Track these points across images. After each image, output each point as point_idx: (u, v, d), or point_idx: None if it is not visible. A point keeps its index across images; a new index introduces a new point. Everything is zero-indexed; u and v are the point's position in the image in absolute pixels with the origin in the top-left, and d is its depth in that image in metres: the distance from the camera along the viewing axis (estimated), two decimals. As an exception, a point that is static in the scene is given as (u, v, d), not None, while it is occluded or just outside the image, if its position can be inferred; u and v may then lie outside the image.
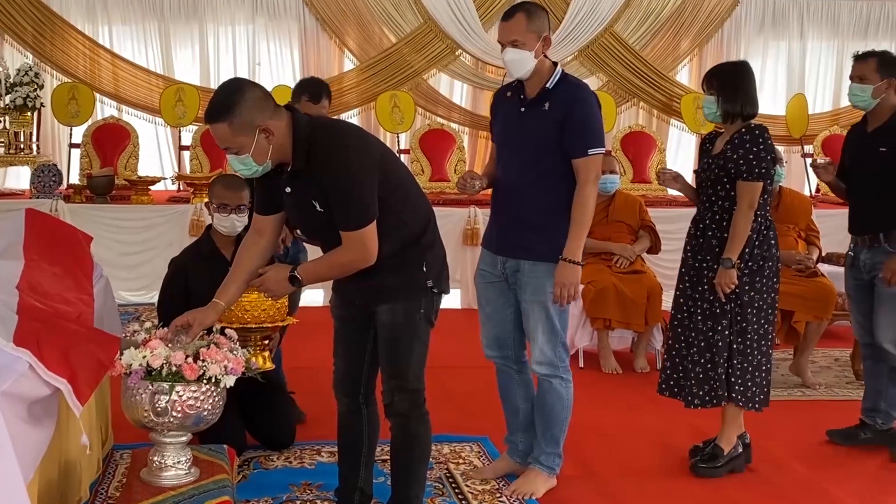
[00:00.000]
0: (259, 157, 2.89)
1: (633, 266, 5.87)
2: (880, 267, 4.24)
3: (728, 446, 4.10)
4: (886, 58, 4.30)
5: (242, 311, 3.62)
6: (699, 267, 4.06)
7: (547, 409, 3.80)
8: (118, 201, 7.36)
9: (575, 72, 9.51)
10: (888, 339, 4.27)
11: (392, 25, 9.43)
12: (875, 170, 4.28)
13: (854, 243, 4.45)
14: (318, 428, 4.47)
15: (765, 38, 10.16)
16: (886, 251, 4.24)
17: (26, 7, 8.73)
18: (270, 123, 2.86)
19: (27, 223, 3.85)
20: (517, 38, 3.58)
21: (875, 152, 4.27)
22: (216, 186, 4.18)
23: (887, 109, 4.29)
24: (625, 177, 8.28)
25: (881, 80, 4.24)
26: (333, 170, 2.91)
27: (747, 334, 4.00)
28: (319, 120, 3.08)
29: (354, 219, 2.93)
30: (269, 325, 3.68)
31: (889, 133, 4.26)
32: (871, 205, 4.33)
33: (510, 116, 3.71)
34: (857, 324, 4.53)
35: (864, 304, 4.43)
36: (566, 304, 3.63)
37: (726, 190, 3.98)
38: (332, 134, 2.98)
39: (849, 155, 4.49)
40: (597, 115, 3.64)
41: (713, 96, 3.98)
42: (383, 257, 3.01)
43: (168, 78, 9.11)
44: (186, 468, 3.03)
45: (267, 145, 2.87)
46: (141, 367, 2.87)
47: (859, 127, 4.47)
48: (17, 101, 7.97)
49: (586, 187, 3.57)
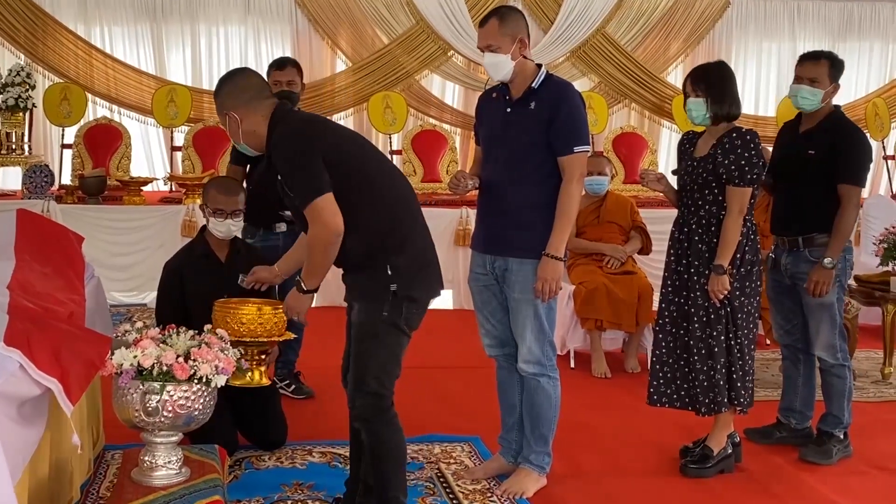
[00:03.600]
0: (234, 137, 3.25)
1: (624, 267, 5.89)
2: (804, 276, 4.21)
3: (718, 447, 4.12)
4: (836, 60, 4.22)
5: (239, 324, 3.52)
6: (685, 272, 4.05)
7: (535, 409, 3.82)
8: (110, 202, 7.35)
9: (567, 73, 9.55)
10: (821, 347, 4.26)
11: (384, 26, 9.43)
12: (801, 172, 4.22)
13: (775, 244, 4.41)
14: (310, 428, 4.48)
15: (756, 39, 10.17)
16: (807, 259, 4.20)
17: (18, 7, 8.70)
18: (239, 111, 3.18)
19: (18, 223, 3.86)
20: (492, 42, 3.65)
21: (804, 154, 4.20)
22: (211, 191, 4.16)
23: (821, 113, 4.22)
24: (616, 177, 8.29)
25: (830, 84, 4.17)
26: (276, 155, 3.16)
27: (739, 339, 4.01)
28: (282, 112, 3.22)
29: (301, 194, 3.08)
30: (265, 339, 3.59)
31: (820, 136, 4.19)
32: (793, 207, 4.27)
33: (496, 117, 3.74)
34: (777, 325, 4.52)
35: (783, 307, 4.43)
36: (548, 298, 3.65)
37: (714, 194, 3.97)
38: (280, 122, 3.17)
39: (778, 154, 4.42)
40: (582, 114, 3.69)
41: (701, 99, 3.96)
42: (349, 250, 3.12)
43: (160, 78, 9.09)
44: (177, 468, 3.04)
45: (236, 129, 3.20)
46: (132, 367, 2.88)
47: (792, 125, 4.41)
48: (9, 102, 7.94)
49: (571, 184, 3.63)
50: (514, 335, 3.80)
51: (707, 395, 4.04)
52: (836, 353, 4.26)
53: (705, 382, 4.03)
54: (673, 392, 4.14)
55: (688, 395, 4.11)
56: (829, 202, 4.14)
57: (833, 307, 4.23)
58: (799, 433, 4.49)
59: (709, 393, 4.03)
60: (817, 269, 4.14)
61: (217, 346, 3.03)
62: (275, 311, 3.58)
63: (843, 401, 4.32)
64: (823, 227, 4.16)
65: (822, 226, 4.17)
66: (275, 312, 3.57)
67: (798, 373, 4.49)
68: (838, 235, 4.14)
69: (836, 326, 4.25)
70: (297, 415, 4.53)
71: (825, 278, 4.13)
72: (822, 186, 4.15)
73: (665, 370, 4.15)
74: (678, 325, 4.10)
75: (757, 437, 4.53)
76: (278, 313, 3.58)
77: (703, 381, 4.03)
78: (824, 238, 4.17)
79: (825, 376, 4.35)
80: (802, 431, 4.50)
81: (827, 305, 4.20)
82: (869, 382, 5.58)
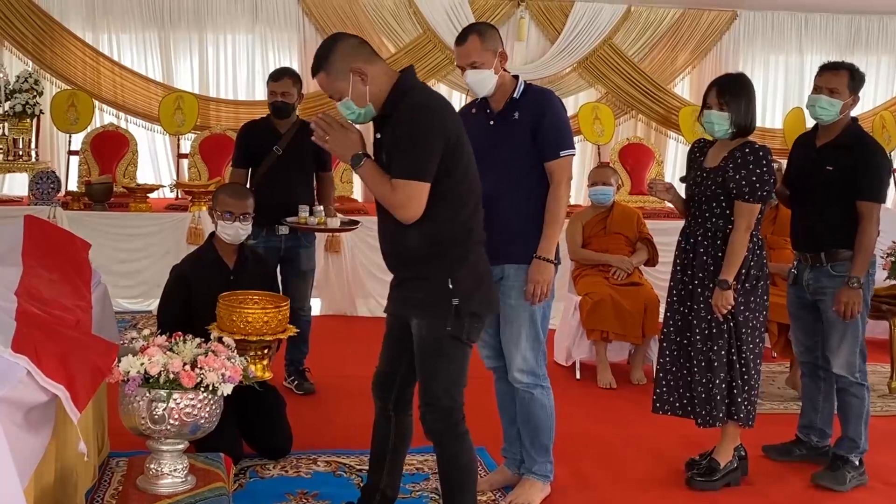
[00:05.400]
0: (358, 99, 3.04)
1: (630, 278, 5.87)
2: (826, 291, 4.14)
3: (725, 460, 4.10)
4: (856, 72, 4.13)
5: (244, 322, 3.61)
6: (690, 283, 4.03)
7: (533, 420, 3.81)
8: (116, 209, 7.36)
9: (574, 83, 9.58)
10: (840, 364, 4.17)
11: (391, 35, 9.45)
12: (819, 188, 4.13)
13: (797, 260, 4.33)
14: (315, 437, 4.47)
15: (763, 51, 10.17)
16: (830, 274, 4.13)
17: (27, 14, 8.74)
18: (366, 69, 3.01)
19: (26, 230, 3.86)
20: (475, 59, 3.68)
21: (821, 170, 4.11)
22: (221, 194, 4.23)
23: (838, 126, 4.14)
24: (622, 188, 8.29)
25: (850, 95, 4.09)
26: (406, 120, 3.00)
27: (742, 353, 3.99)
28: (414, 77, 3.15)
29: (405, 168, 2.98)
30: (270, 337, 3.67)
31: (838, 151, 4.10)
32: (813, 223, 4.18)
33: (479, 131, 3.70)
34: (797, 341, 4.46)
35: (804, 323, 4.36)
36: (538, 301, 3.66)
37: (722, 207, 3.94)
38: (415, 89, 3.08)
39: (795, 168, 4.35)
40: (566, 119, 3.78)
41: (726, 113, 3.88)
42: (409, 246, 3.06)
43: (167, 86, 9.12)
44: (183, 476, 3.03)
45: (362, 88, 3.03)
46: (139, 375, 2.87)
47: (807, 138, 4.31)
48: (17, 108, 7.96)
49: (559, 188, 3.67)
50: (508, 344, 3.76)
51: (704, 408, 4.02)
52: (854, 372, 4.17)
53: (703, 395, 4.01)
54: (675, 400, 4.14)
55: (689, 403, 4.10)
56: (849, 218, 4.06)
57: (856, 324, 4.12)
58: (819, 451, 4.41)
59: (706, 405, 4.02)
60: (845, 290, 4.04)
61: (224, 355, 3.02)
62: (278, 309, 3.68)
63: (860, 423, 4.21)
64: (845, 243, 4.08)
65: (844, 242, 4.08)
66: (278, 311, 3.68)
67: (818, 390, 4.41)
68: (862, 254, 4.04)
69: (857, 344, 4.15)
70: (301, 423, 4.52)
71: (854, 299, 4.03)
72: (841, 202, 4.07)
73: (669, 378, 4.14)
74: (682, 334, 4.09)
75: (775, 454, 4.47)
76: (282, 311, 3.70)
77: (700, 393, 4.02)
78: (847, 253, 4.08)
79: (842, 395, 4.25)
80: (823, 450, 4.41)
81: (851, 323, 4.10)
82: (876, 396, 5.55)
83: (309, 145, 5.18)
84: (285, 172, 5.06)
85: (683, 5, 9.74)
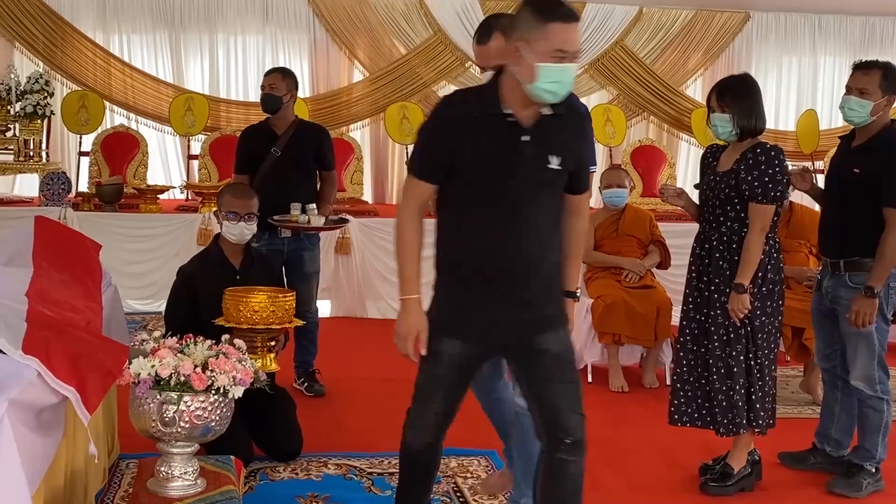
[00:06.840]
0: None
1: (642, 281, 5.84)
2: (842, 302, 4.02)
3: (738, 465, 4.06)
4: (890, 72, 3.98)
5: (251, 311, 3.65)
6: (707, 289, 3.98)
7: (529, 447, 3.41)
8: (127, 210, 7.36)
9: (585, 85, 9.54)
10: (857, 376, 4.06)
11: (402, 37, 9.44)
12: (845, 191, 4.01)
13: (823, 266, 4.21)
14: (325, 440, 4.45)
15: (776, 53, 10.13)
16: (847, 285, 3.99)
17: (38, 15, 8.76)
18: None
19: (36, 231, 3.85)
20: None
21: (849, 171, 3.98)
22: (225, 195, 4.24)
23: (874, 128, 3.98)
24: (634, 191, 8.25)
25: (882, 96, 3.93)
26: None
27: (759, 359, 3.94)
28: None
29: None
30: (276, 326, 3.70)
31: (868, 154, 3.95)
32: (836, 228, 4.06)
33: None
34: (817, 347, 4.36)
35: (824, 330, 4.26)
36: None
37: (736, 210, 3.89)
38: None
39: (830, 168, 4.24)
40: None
41: (727, 115, 3.85)
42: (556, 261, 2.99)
43: (178, 87, 9.12)
44: (193, 479, 3.01)
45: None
46: (150, 377, 2.86)
47: (846, 139, 4.15)
48: (28, 109, 7.97)
49: None
50: None
51: (725, 416, 3.97)
52: (874, 385, 4.05)
53: (724, 402, 3.96)
54: (694, 411, 4.08)
55: (709, 413, 4.04)
56: (872, 225, 3.89)
57: (872, 336, 3.99)
58: (834, 461, 4.31)
59: (727, 413, 3.97)
60: (859, 298, 3.92)
61: (235, 357, 3.01)
62: (284, 298, 3.76)
63: (877, 436, 4.11)
64: (867, 251, 3.91)
65: (866, 249, 3.91)
66: (284, 300, 3.76)
67: (836, 399, 4.30)
68: (882, 261, 3.87)
69: (874, 357, 4.03)
70: (312, 425, 4.50)
71: (867, 308, 3.90)
72: (866, 207, 3.91)
73: (686, 388, 4.09)
74: (699, 342, 4.04)
75: (790, 461, 4.40)
76: (287, 300, 3.77)
77: (721, 401, 3.97)
78: (868, 262, 3.93)
79: (861, 407, 4.14)
80: (837, 459, 4.30)
81: (865, 334, 3.97)
82: (891, 401, 5.51)
83: (308, 145, 5.22)
84: (285, 173, 5.04)
85: (696, 6, 9.70)
